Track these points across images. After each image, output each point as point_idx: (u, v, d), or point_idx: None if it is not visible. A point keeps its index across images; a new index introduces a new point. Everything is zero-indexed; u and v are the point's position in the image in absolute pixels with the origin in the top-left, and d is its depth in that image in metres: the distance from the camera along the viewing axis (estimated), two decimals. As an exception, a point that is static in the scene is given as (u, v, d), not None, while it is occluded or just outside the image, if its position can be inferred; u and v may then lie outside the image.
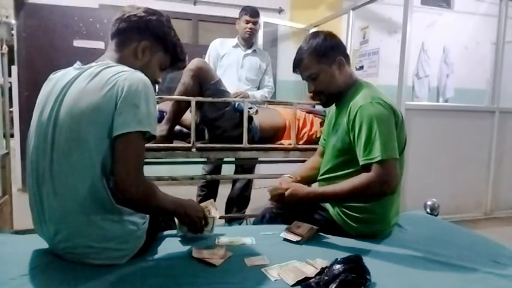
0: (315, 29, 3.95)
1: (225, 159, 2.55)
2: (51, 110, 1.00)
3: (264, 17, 3.78)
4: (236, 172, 2.79)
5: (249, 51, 2.79)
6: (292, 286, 0.96)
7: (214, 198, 2.51)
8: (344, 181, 1.29)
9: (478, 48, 5.11)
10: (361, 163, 1.25)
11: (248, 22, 2.69)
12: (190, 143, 1.95)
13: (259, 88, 2.85)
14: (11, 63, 3.25)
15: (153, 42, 1.13)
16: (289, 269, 1.03)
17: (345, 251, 1.17)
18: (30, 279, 0.94)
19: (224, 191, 2.79)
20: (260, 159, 2.58)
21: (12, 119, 3.58)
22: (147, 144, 1.09)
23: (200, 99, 1.94)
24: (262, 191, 3.44)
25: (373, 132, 1.22)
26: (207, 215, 1.27)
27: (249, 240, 1.27)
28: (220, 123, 2.04)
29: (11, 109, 3.30)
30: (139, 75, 1.02)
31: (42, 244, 1.08)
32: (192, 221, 1.18)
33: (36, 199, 1.02)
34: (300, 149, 2.14)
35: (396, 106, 1.33)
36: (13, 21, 3.68)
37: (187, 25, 4.37)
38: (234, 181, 2.83)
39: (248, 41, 2.77)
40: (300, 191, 1.31)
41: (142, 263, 1.07)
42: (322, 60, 1.36)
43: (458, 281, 1.06)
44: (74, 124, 0.97)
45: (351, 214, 1.35)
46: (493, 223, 3.09)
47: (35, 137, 1.03)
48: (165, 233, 1.31)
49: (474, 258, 1.21)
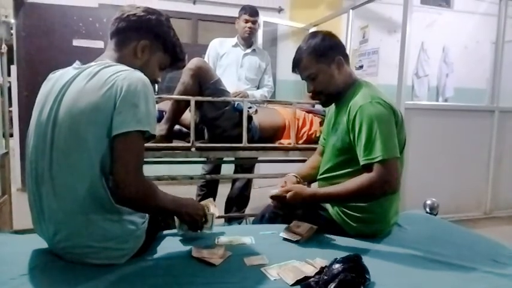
0: (314, 29, 3.95)
1: (225, 159, 2.55)
2: (50, 109, 1.00)
3: (263, 17, 3.78)
4: (236, 172, 2.79)
5: (249, 50, 2.78)
6: (292, 286, 0.96)
7: (214, 197, 2.52)
8: (346, 181, 1.28)
9: (477, 47, 5.11)
10: (362, 163, 1.24)
11: (247, 21, 2.69)
12: (189, 142, 1.95)
13: (258, 87, 2.85)
14: (10, 62, 3.24)
15: (152, 41, 1.13)
16: (289, 269, 1.03)
17: (344, 251, 1.16)
18: (29, 279, 0.93)
19: (224, 191, 2.79)
20: (260, 159, 2.58)
21: (11, 119, 3.57)
22: (146, 144, 1.09)
23: (200, 98, 1.94)
24: (261, 191, 3.45)
25: (373, 132, 1.22)
26: (207, 212, 1.27)
27: (249, 239, 1.27)
28: (219, 123, 2.04)
29: (10, 109, 3.29)
30: (138, 75, 1.02)
31: (42, 244, 1.08)
32: (193, 219, 1.18)
33: (35, 199, 1.02)
34: (299, 149, 2.14)
35: (396, 105, 1.33)
36: (12, 21, 3.67)
37: (187, 24, 4.37)
38: (234, 180, 2.83)
39: (247, 41, 2.77)
40: (301, 193, 1.30)
41: (142, 262, 1.07)
42: (320, 60, 1.36)
43: (457, 281, 1.06)
44: (73, 124, 0.97)
45: (351, 214, 1.35)
46: (493, 222, 3.09)
47: (34, 136, 1.02)
48: (165, 232, 1.31)
49: (474, 258, 1.21)
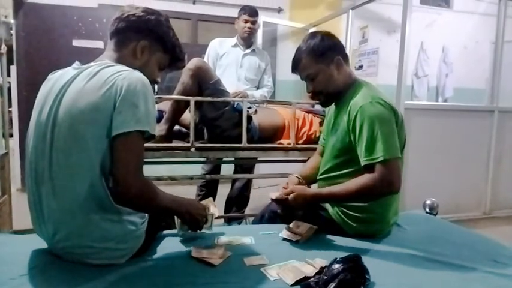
0: (314, 29, 3.95)
1: (224, 159, 2.55)
2: (50, 109, 1.00)
3: (263, 17, 3.78)
4: (235, 172, 2.79)
5: (248, 50, 2.78)
6: (292, 286, 0.96)
7: (214, 197, 2.51)
8: (348, 182, 1.28)
9: (477, 47, 5.11)
10: (364, 163, 1.24)
11: (247, 21, 2.69)
12: (189, 142, 1.95)
13: (258, 88, 2.85)
14: (10, 63, 3.25)
15: (152, 41, 1.13)
16: (289, 269, 1.03)
17: (344, 251, 1.16)
18: (29, 279, 0.93)
19: (223, 191, 2.79)
20: (259, 159, 2.58)
21: (11, 119, 3.57)
22: (146, 144, 1.09)
23: (199, 98, 1.94)
24: (261, 191, 3.45)
25: (374, 132, 1.22)
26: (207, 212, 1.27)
27: (248, 239, 1.27)
28: (219, 123, 2.04)
29: (10, 109, 3.29)
30: (138, 75, 1.02)
31: (42, 244, 1.08)
32: (194, 219, 1.18)
33: (35, 199, 1.02)
34: (299, 149, 2.14)
35: (396, 105, 1.33)
36: (12, 21, 3.67)
37: (187, 25, 4.37)
38: (234, 181, 2.83)
39: (247, 41, 2.77)
40: (304, 194, 1.30)
41: (142, 262, 1.07)
42: (320, 60, 1.36)
43: (457, 281, 1.06)
44: (72, 124, 0.96)
45: (350, 214, 1.35)
46: (493, 222, 3.09)
47: (34, 136, 1.02)
48: (165, 232, 1.31)
49: (473, 258, 1.21)
